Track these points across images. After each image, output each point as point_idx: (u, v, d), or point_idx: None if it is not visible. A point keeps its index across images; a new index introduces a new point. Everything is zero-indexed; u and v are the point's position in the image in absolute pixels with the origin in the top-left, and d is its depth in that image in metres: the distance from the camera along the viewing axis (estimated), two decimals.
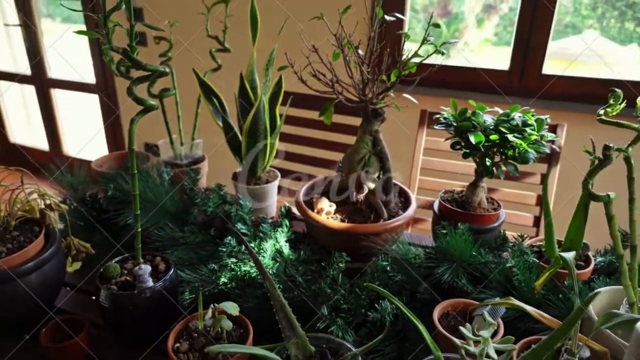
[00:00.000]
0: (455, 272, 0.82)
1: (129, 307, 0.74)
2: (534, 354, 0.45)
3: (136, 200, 0.72)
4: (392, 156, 0.96)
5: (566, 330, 0.42)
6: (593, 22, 2.11)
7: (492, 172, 0.88)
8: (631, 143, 0.66)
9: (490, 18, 2.21)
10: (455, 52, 2.26)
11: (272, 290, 0.63)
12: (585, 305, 0.41)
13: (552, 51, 2.23)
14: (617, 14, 1.99)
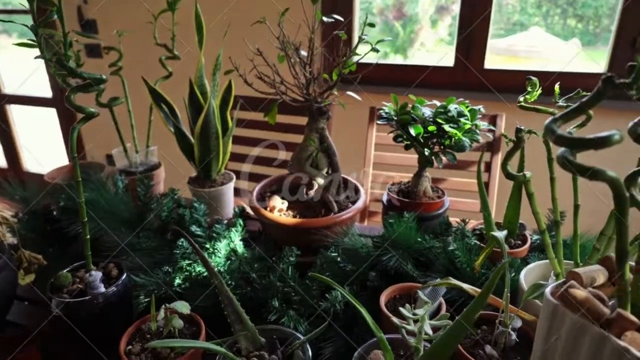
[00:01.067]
0: (401, 258, 0.84)
1: (81, 315, 0.73)
2: (459, 323, 0.48)
3: (82, 208, 0.71)
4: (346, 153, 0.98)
5: (485, 296, 0.44)
6: (539, 20, 2.19)
7: (432, 161, 0.91)
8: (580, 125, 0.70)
9: (442, 19, 2.27)
10: (412, 52, 2.31)
11: (219, 286, 0.64)
12: (497, 273, 0.44)
13: (501, 48, 2.30)
14: (559, 12, 2.08)
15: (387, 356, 0.61)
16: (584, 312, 0.41)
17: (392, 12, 2.34)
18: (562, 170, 0.39)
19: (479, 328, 0.70)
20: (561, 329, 0.43)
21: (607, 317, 0.41)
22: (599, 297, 0.43)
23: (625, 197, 0.37)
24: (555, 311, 0.43)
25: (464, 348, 0.66)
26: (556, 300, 0.43)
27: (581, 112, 0.38)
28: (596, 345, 0.40)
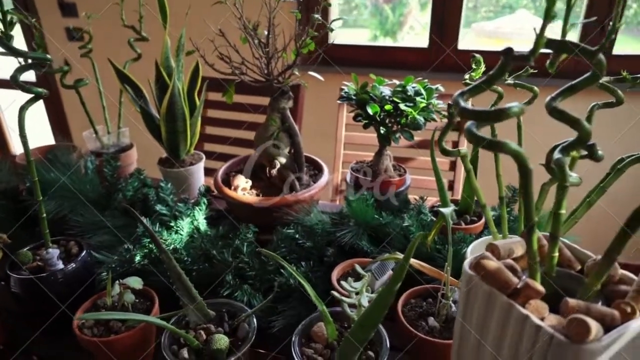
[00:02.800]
0: (356, 234, 0.84)
1: (42, 291, 0.73)
2: (383, 293, 0.48)
3: (36, 186, 0.71)
4: (318, 133, 0.97)
5: (406, 260, 0.44)
6: (527, 2, 2.17)
7: (388, 139, 0.90)
8: (493, 103, 0.70)
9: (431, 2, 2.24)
10: (402, 35, 2.29)
11: (167, 262, 0.64)
12: (414, 243, 0.44)
13: (489, 30, 2.27)
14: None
15: (328, 327, 0.61)
16: (493, 281, 0.41)
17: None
18: None
19: (425, 301, 0.71)
20: (476, 298, 0.43)
21: (515, 287, 0.41)
22: (512, 267, 0.43)
23: (529, 170, 0.37)
24: (470, 281, 0.43)
25: (408, 320, 0.66)
26: (471, 271, 0.44)
27: (488, 85, 0.38)
28: (504, 313, 0.40)
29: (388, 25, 2.38)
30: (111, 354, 0.66)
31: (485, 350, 0.44)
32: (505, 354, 0.41)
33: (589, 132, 0.41)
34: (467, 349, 0.46)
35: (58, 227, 0.92)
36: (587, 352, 0.35)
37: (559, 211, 0.42)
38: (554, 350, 0.36)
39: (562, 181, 0.41)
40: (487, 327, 0.43)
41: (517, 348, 0.40)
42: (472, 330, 0.45)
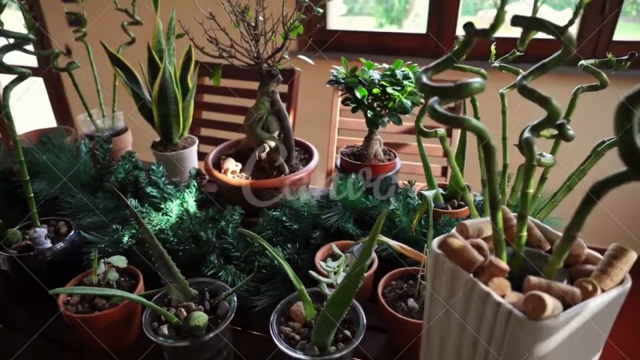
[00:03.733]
0: (342, 217, 0.84)
1: (30, 269, 0.74)
2: (353, 270, 0.48)
3: (23, 166, 0.71)
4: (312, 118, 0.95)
5: (372, 238, 0.44)
6: None
7: (376, 123, 0.89)
8: None
9: None
10: (407, 23, 2.26)
11: (150, 240, 0.64)
12: (379, 222, 0.44)
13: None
14: None
15: (307, 307, 0.61)
16: (458, 259, 0.41)
17: None
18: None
19: (406, 282, 0.71)
20: (442, 276, 0.43)
21: (480, 265, 0.41)
22: (478, 246, 0.43)
23: (492, 146, 0.37)
24: (437, 259, 0.43)
25: (387, 302, 0.67)
26: (438, 249, 0.43)
27: (451, 62, 0.37)
28: (467, 290, 0.40)
29: (394, 13, 2.35)
30: (95, 330, 0.67)
31: (451, 328, 0.44)
32: (470, 331, 0.41)
33: (558, 111, 0.40)
34: (435, 325, 0.46)
35: (50, 208, 0.93)
36: (543, 328, 0.35)
37: (526, 190, 0.42)
38: (512, 326, 0.36)
39: (530, 160, 0.41)
40: (452, 305, 0.43)
41: (480, 325, 0.40)
42: (439, 308, 0.45)
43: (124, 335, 0.70)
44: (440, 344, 0.47)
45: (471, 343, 0.42)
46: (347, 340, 0.59)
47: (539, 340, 0.35)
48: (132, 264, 0.74)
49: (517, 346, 0.37)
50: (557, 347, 0.37)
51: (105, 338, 0.69)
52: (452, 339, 0.44)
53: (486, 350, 0.40)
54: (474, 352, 0.42)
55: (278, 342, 0.57)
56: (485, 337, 0.40)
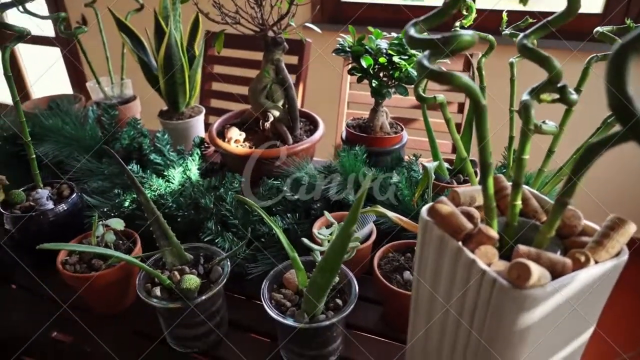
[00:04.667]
0: (343, 188, 0.83)
1: (31, 229, 0.75)
2: (339, 235, 0.46)
3: (24, 127, 0.71)
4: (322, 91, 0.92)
5: (355, 210, 0.42)
6: None
7: (381, 93, 0.87)
8: (484, 53, 0.66)
9: None
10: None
11: (145, 203, 0.63)
12: (370, 178, 0.42)
13: None
14: None
15: (299, 274, 0.61)
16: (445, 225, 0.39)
17: None
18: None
19: (404, 255, 0.70)
20: (430, 243, 0.42)
21: (468, 232, 0.39)
22: (468, 214, 0.41)
23: (482, 105, 0.34)
24: (425, 226, 0.42)
25: (382, 273, 0.65)
26: (427, 216, 0.42)
27: (444, 14, 0.35)
28: (454, 258, 0.39)
29: None
30: (92, 291, 0.67)
31: (438, 294, 0.42)
32: (455, 300, 0.40)
33: (559, 71, 0.37)
34: (423, 295, 0.45)
35: (55, 172, 0.93)
36: (528, 297, 0.33)
37: (522, 156, 0.40)
38: (496, 295, 0.35)
39: (527, 124, 0.38)
40: (439, 274, 0.41)
41: (465, 295, 0.38)
42: (427, 278, 0.43)
43: (121, 297, 0.70)
44: (427, 315, 0.45)
45: (456, 313, 0.40)
46: (338, 309, 0.58)
47: (523, 310, 0.34)
48: (133, 228, 0.74)
49: (500, 316, 0.35)
50: (542, 319, 0.35)
51: (103, 299, 0.69)
52: (438, 309, 0.43)
53: (470, 321, 0.39)
54: (459, 324, 0.40)
55: (268, 308, 0.57)
56: (469, 307, 0.38)
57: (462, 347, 0.41)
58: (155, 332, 0.67)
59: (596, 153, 0.29)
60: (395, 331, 0.67)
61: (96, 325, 0.69)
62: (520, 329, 0.35)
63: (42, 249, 0.74)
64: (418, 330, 0.48)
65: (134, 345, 0.66)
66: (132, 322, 0.70)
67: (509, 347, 0.36)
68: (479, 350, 0.39)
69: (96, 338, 0.66)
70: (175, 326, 0.62)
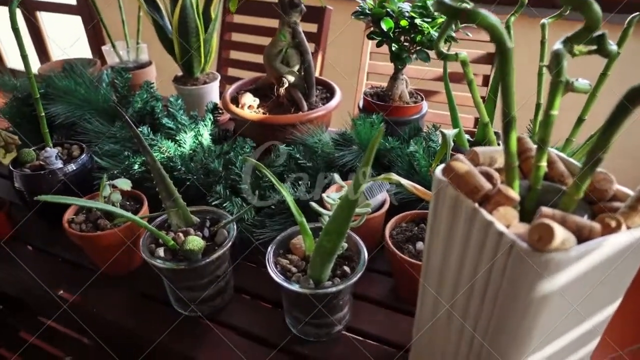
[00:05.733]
0: (357, 157, 0.80)
1: (42, 188, 0.75)
2: (346, 196, 0.43)
3: (32, 83, 0.70)
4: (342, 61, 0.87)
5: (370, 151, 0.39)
6: None
7: (401, 58, 0.82)
8: (513, 13, 0.61)
9: None
10: None
11: (152, 163, 0.62)
12: (381, 134, 0.38)
13: None
14: None
15: (306, 240, 0.58)
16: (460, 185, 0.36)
17: None
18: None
19: (417, 226, 0.67)
20: (443, 204, 0.38)
21: (486, 193, 0.36)
22: (487, 174, 0.37)
23: (507, 48, 0.31)
24: (439, 186, 0.38)
25: (394, 243, 0.63)
26: (442, 176, 0.38)
27: None
28: (469, 219, 0.35)
29: None
30: (98, 250, 0.66)
31: (449, 265, 0.39)
32: (468, 265, 0.37)
33: (598, 17, 0.33)
34: (434, 262, 0.42)
35: (67, 134, 0.93)
36: (550, 262, 0.30)
37: (550, 111, 0.36)
38: (514, 260, 0.32)
39: (557, 75, 0.34)
40: (452, 238, 0.38)
41: (479, 258, 0.35)
42: (439, 243, 0.40)
43: (127, 259, 0.70)
44: (437, 283, 0.42)
45: (468, 281, 0.37)
46: (345, 277, 0.55)
47: (543, 276, 0.30)
48: (142, 192, 0.73)
49: (518, 283, 0.32)
50: (564, 287, 0.32)
51: (108, 260, 0.69)
52: (450, 277, 0.40)
53: (484, 289, 0.36)
54: (471, 291, 0.37)
55: (273, 273, 0.55)
56: (484, 273, 0.35)
57: (473, 318, 0.38)
58: (160, 295, 0.66)
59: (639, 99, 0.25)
60: (405, 303, 0.65)
61: (102, 286, 0.68)
62: (539, 297, 0.32)
63: (47, 205, 0.74)
64: (428, 300, 0.45)
65: (139, 306, 0.66)
66: (138, 284, 0.69)
67: (526, 317, 0.33)
68: (491, 321, 0.36)
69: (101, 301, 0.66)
70: (179, 288, 0.61)
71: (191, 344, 0.60)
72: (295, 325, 0.59)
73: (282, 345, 0.59)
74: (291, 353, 0.58)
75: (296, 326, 0.59)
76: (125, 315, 0.64)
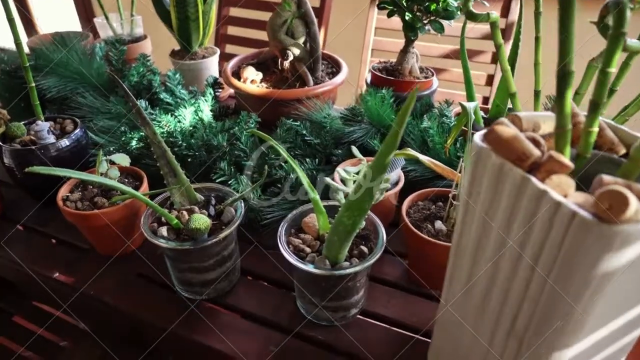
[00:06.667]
0: (368, 133, 0.76)
1: (33, 164, 0.69)
2: (372, 165, 0.39)
3: (21, 50, 0.65)
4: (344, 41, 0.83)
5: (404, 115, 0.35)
6: None
7: (415, 29, 0.78)
8: None
9: None
10: None
11: (151, 136, 0.57)
12: (416, 91, 0.34)
13: None
14: None
15: (320, 218, 0.54)
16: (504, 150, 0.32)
17: None
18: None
19: (434, 204, 0.63)
20: (484, 174, 0.35)
21: (536, 160, 0.32)
22: (534, 139, 0.33)
23: None
24: (479, 155, 0.34)
25: (412, 222, 0.59)
26: (482, 142, 0.34)
27: None
28: (517, 189, 0.32)
29: None
30: (95, 230, 0.62)
31: (488, 241, 0.36)
32: (513, 240, 0.33)
33: None
34: (467, 240, 0.38)
35: (60, 109, 0.88)
36: (619, 235, 0.26)
37: (607, 69, 0.32)
38: (575, 232, 0.28)
39: (618, 27, 0.30)
40: (493, 212, 0.34)
41: (528, 232, 0.32)
42: (475, 218, 0.36)
43: (126, 238, 0.65)
44: (471, 261, 0.39)
45: (513, 259, 0.34)
46: (363, 257, 0.52)
47: (610, 250, 0.27)
48: (141, 169, 0.68)
49: (578, 258, 0.28)
50: (631, 264, 0.28)
51: (106, 240, 0.64)
52: (488, 254, 0.36)
53: (531, 267, 0.32)
54: (514, 270, 0.34)
55: (285, 253, 0.51)
56: (534, 248, 0.31)
57: (516, 299, 0.34)
58: (160, 278, 0.62)
59: None
60: (420, 286, 0.61)
61: (99, 268, 0.64)
62: (600, 274, 0.28)
63: (39, 182, 0.69)
64: (458, 282, 0.42)
65: (139, 289, 0.62)
66: (138, 266, 0.65)
67: (583, 296, 0.29)
68: (539, 303, 0.32)
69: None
70: (182, 270, 0.57)
71: (196, 329, 0.56)
72: (308, 308, 0.56)
73: (296, 330, 0.55)
74: (304, 338, 0.55)
75: (309, 310, 0.56)
76: (124, 298, 0.61)
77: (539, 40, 0.55)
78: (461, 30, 0.68)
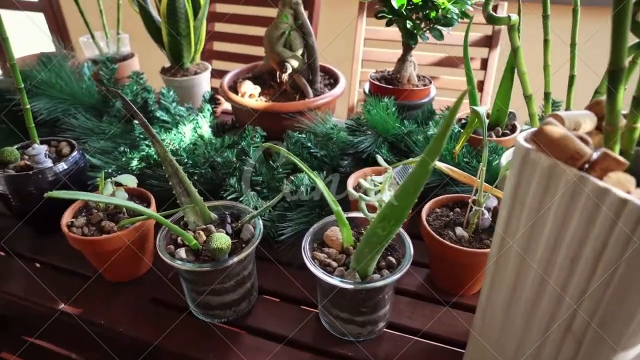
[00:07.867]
0: (375, 143, 0.75)
1: (30, 191, 0.66)
2: (417, 169, 0.38)
3: (15, 70, 0.62)
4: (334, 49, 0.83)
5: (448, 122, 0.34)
6: None
7: (415, 36, 0.78)
8: None
9: None
10: None
11: (162, 154, 0.55)
12: (460, 99, 0.34)
13: None
14: None
15: (344, 231, 0.53)
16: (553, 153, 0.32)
17: None
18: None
19: (452, 210, 0.63)
20: (532, 178, 0.34)
21: (587, 159, 0.32)
22: (582, 138, 0.33)
23: None
24: (526, 157, 0.34)
25: (433, 229, 0.58)
26: (529, 143, 0.34)
27: None
28: (571, 190, 0.31)
29: None
30: (102, 257, 0.59)
31: (538, 243, 0.35)
32: (569, 242, 0.33)
33: None
34: (511, 247, 0.38)
35: (51, 131, 0.84)
36: None
37: None
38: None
39: None
40: (544, 215, 0.34)
41: (587, 233, 0.31)
42: (522, 221, 0.36)
43: (136, 264, 0.63)
44: (517, 266, 0.38)
45: (569, 261, 0.33)
46: (392, 268, 0.51)
47: None
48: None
49: None
50: None
51: (115, 265, 0.61)
52: (540, 256, 0.36)
53: (591, 269, 0.32)
54: (572, 270, 0.33)
55: (312, 267, 0.49)
56: (594, 250, 0.31)
57: (574, 299, 0.34)
58: (175, 302, 0.60)
59: None
60: (444, 294, 0.60)
61: (109, 296, 0.61)
62: None
63: (41, 211, 0.66)
64: (499, 288, 0.41)
65: (153, 315, 0.59)
66: (149, 291, 0.62)
67: None
68: (601, 305, 0.32)
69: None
70: (201, 293, 0.55)
71: (219, 354, 0.54)
72: (334, 324, 0.54)
73: (322, 348, 0.53)
74: (333, 355, 0.53)
75: (334, 326, 0.54)
76: (137, 326, 0.58)
77: (548, 43, 0.56)
78: (464, 36, 0.68)
